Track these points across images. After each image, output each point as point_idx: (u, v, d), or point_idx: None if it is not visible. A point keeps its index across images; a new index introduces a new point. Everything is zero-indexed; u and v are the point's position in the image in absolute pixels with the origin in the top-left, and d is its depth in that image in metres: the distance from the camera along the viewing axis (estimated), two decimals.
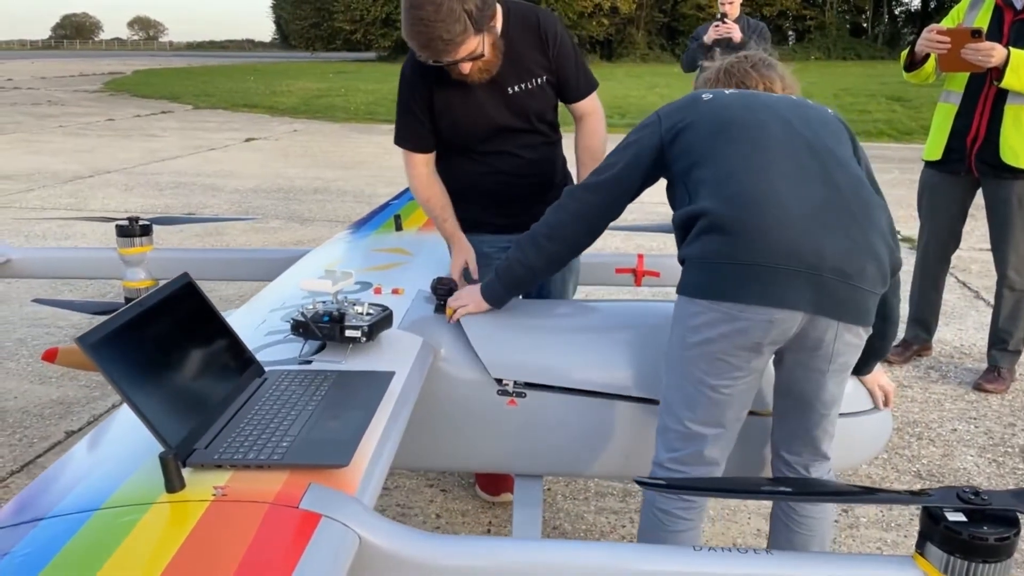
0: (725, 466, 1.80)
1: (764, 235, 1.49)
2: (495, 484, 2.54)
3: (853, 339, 1.59)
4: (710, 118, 1.65)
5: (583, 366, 1.90)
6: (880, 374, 1.89)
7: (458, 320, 1.93)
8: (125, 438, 1.34)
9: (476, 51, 1.90)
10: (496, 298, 1.89)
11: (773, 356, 1.66)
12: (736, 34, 5.66)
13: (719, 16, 5.71)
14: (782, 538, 1.81)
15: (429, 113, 2.14)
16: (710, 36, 5.71)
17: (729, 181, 1.55)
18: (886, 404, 1.91)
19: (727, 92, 1.72)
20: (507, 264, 1.84)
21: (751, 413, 1.82)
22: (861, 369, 1.79)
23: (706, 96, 1.70)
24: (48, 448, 2.87)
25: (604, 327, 1.98)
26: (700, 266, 1.55)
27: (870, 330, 1.62)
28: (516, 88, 2.12)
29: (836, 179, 1.56)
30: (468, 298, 1.90)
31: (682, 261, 1.62)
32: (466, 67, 1.95)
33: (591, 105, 2.28)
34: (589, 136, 2.29)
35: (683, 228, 1.62)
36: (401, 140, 2.22)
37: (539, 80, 2.14)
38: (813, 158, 1.58)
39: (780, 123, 1.62)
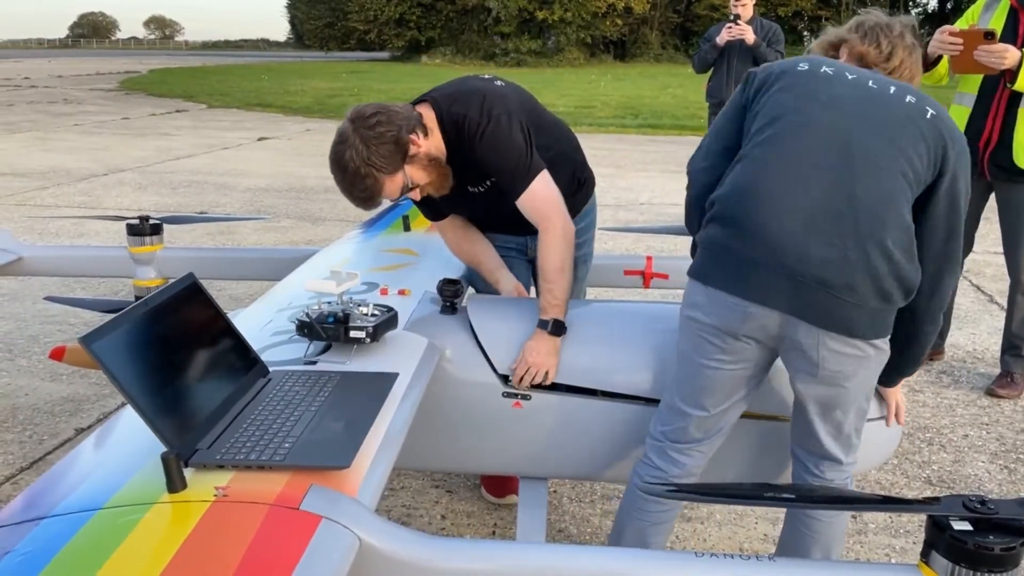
0: (745, 471, 1.80)
1: (753, 230, 1.55)
2: (500, 486, 2.54)
3: (843, 348, 1.56)
4: (774, 102, 1.65)
5: (591, 368, 1.89)
6: (898, 390, 1.86)
7: (468, 319, 1.94)
8: (130, 437, 1.34)
9: (405, 185, 1.93)
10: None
11: (773, 355, 1.67)
12: (749, 36, 5.61)
13: (732, 17, 5.67)
14: (787, 539, 1.82)
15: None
16: (723, 38, 5.67)
17: (744, 173, 1.62)
18: (897, 420, 1.88)
19: (811, 72, 1.66)
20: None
21: (773, 418, 1.82)
22: (882, 380, 1.75)
23: (802, 67, 1.68)
24: (57, 445, 2.89)
25: (612, 329, 1.98)
26: (701, 250, 1.67)
27: (876, 343, 1.59)
28: (473, 189, 2.09)
29: (854, 188, 1.53)
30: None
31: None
32: (414, 194, 1.99)
33: (528, 203, 1.99)
34: (541, 250, 2.00)
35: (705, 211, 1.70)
36: (424, 214, 2.29)
37: (489, 181, 2.06)
38: (840, 160, 1.55)
39: (827, 121, 1.59)
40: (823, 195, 1.53)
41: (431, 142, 1.94)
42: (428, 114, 1.96)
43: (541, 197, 2.00)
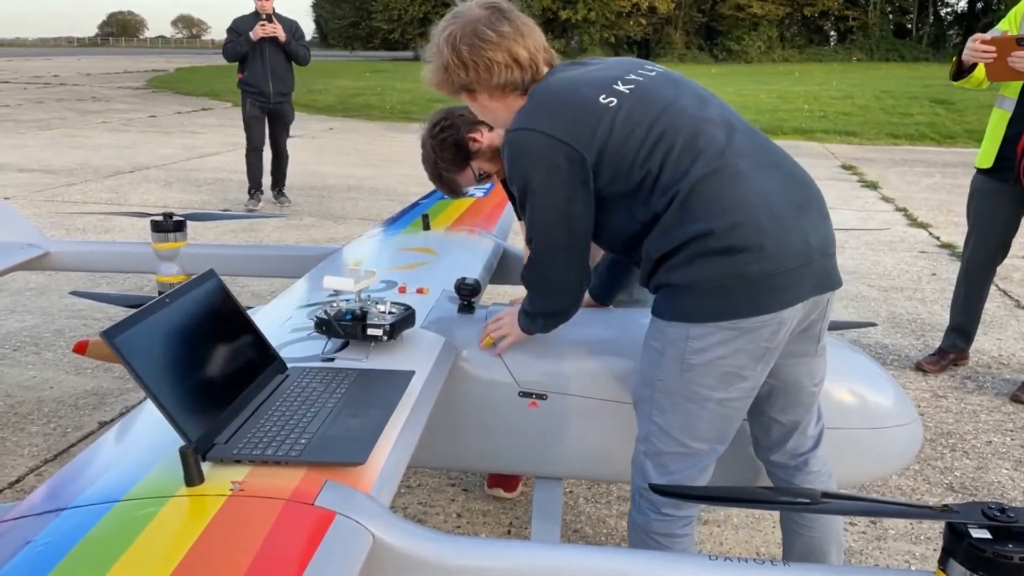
0: (720, 475, 1.78)
1: (771, 243, 1.44)
2: (501, 480, 2.56)
3: (832, 304, 1.62)
4: (629, 130, 1.49)
5: (609, 376, 1.88)
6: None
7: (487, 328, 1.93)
8: (149, 431, 1.36)
9: (476, 176, 2.22)
10: (535, 331, 1.80)
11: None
12: (281, 34, 6.59)
13: (265, 17, 6.62)
14: (798, 543, 1.81)
15: None
16: (256, 33, 6.54)
17: (719, 199, 1.45)
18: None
19: (625, 88, 1.53)
20: (529, 313, 1.76)
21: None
22: None
23: (607, 101, 1.51)
24: (81, 438, 2.93)
25: (628, 335, 1.97)
26: (704, 291, 1.47)
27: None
28: None
29: (776, 157, 1.55)
30: (510, 327, 1.82)
31: (661, 287, 1.53)
32: (492, 177, 2.28)
33: None
34: None
35: (667, 255, 1.50)
36: None
37: None
38: (745, 139, 1.52)
39: (697, 113, 1.52)
40: (773, 175, 1.50)
41: (495, 133, 2.10)
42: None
43: None
